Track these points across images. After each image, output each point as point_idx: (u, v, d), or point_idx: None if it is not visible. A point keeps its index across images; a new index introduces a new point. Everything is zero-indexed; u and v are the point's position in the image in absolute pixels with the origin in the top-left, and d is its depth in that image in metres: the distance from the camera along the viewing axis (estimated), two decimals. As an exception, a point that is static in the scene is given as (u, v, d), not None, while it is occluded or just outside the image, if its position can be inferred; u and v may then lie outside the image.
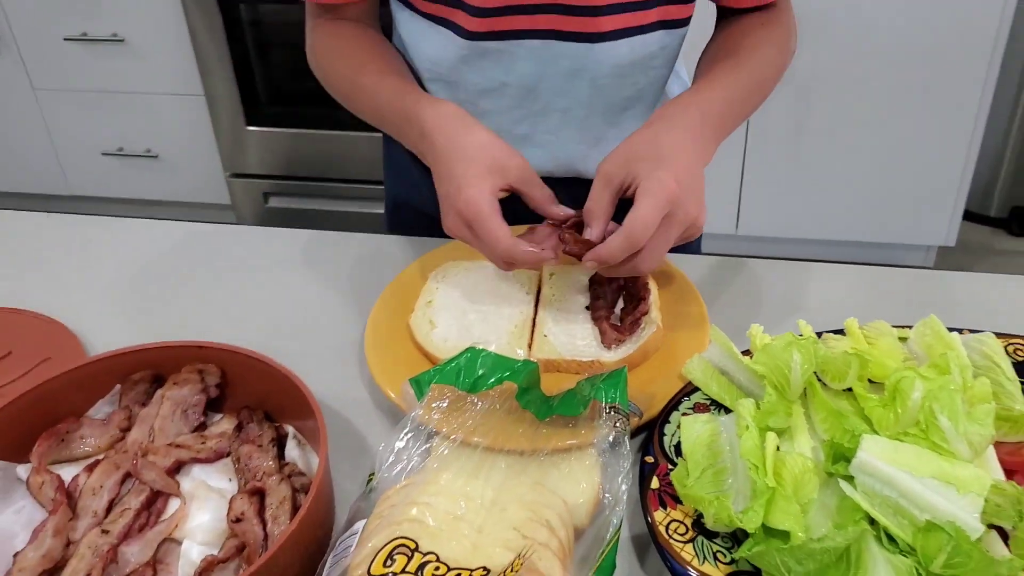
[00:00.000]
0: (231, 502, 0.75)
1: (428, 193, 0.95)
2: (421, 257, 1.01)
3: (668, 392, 0.81)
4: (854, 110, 2.29)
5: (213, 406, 0.86)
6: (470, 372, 0.80)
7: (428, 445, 0.77)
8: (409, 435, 0.77)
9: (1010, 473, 0.73)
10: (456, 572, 0.63)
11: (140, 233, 1.17)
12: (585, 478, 0.73)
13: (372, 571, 0.63)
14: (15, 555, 0.72)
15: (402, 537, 0.65)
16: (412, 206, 1.19)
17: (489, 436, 0.76)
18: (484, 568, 0.63)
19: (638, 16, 0.97)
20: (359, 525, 0.69)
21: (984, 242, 2.64)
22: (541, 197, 0.88)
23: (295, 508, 0.74)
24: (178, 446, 0.81)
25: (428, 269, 0.98)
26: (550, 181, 1.00)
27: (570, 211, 0.88)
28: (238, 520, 0.74)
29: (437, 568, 0.63)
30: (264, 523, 0.74)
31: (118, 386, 0.86)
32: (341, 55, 1.02)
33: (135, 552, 0.73)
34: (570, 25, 0.96)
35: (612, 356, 0.86)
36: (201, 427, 0.85)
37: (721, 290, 0.99)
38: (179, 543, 0.75)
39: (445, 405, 0.78)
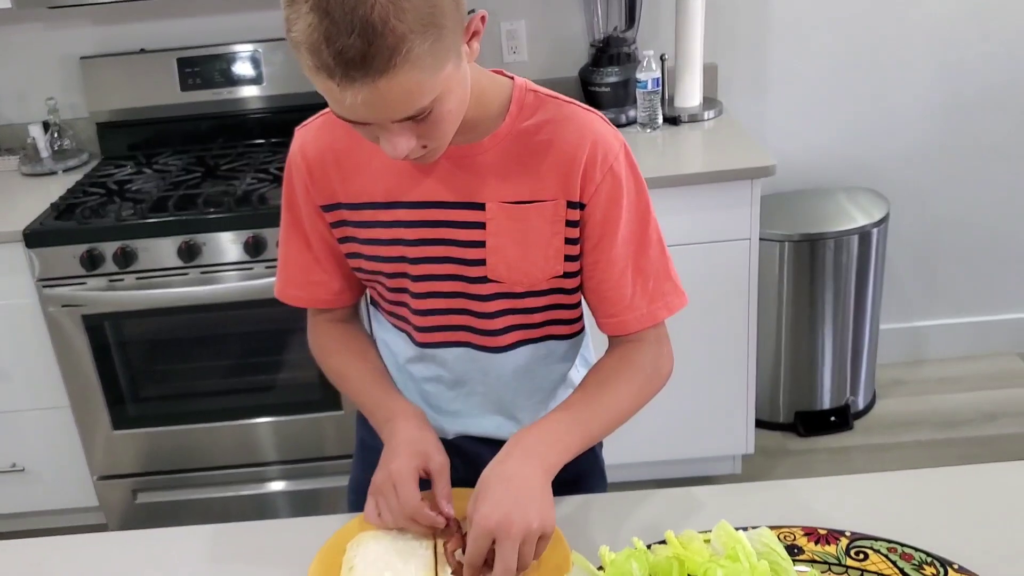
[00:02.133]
0: None
1: None
2: (338, 530, 1.26)
3: (548, 608, 1.09)
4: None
5: None
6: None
7: None
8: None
9: (794, 626, 1.03)
10: None
11: (56, 551, 1.34)
12: None
13: None
14: None
15: None
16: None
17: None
18: None
19: (529, 332, 1.33)
20: None
21: (778, 445, 3.07)
22: (441, 491, 1.23)
23: None
24: None
25: (345, 540, 1.23)
26: (475, 440, 1.42)
27: (451, 514, 1.22)
28: None
29: None
30: None
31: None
32: (334, 352, 1.41)
33: None
34: (479, 341, 1.32)
35: (503, 590, 1.13)
36: None
37: (570, 521, 1.28)
38: None
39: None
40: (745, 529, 1.12)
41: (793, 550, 1.13)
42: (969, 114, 3.12)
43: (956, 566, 1.07)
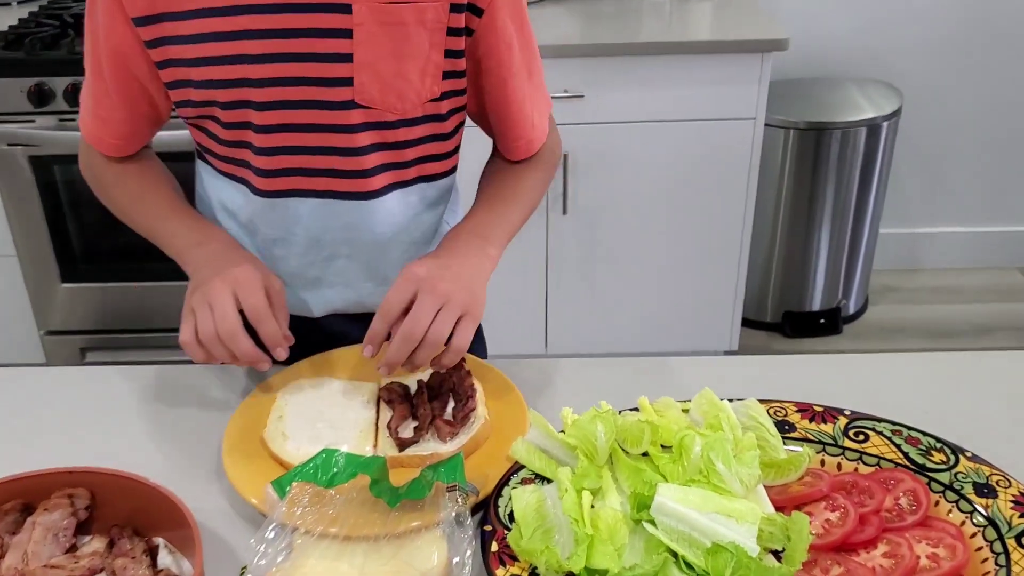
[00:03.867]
0: (111, 610, 0.82)
1: None
2: (265, 380, 1.11)
3: (499, 472, 0.94)
4: (637, 236, 2.56)
5: (81, 530, 0.92)
6: (326, 470, 0.90)
7: (292, 537, 0.86)
8: (276, 530, 0.86)
9: (779, 508, 0.89)
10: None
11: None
12: (435, 550, 0.85)
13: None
14: None
15: (283, 608, 0.74)
16: None
17: (347, 525, 0.87)
18: (357, 626, 0.73)
19: (401, 173, 1.14)
20: (238, 610, 0.77)
21: (763, 345, 2.94)
22: (282, 320, 1.03)
23: (174, 606, 0.81)
24: (52, 567, 0.87)
25: (274, 389, 1.08)
26: (343, 318, 1.22)
27: (284, 346, 1.01)
28: (120, 625, 0.80)
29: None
30: (144, 625, 0.81)
31: (-13, 518, 0.91)
32: (119, 178, 1.18)
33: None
34: (344, 186, 1.11)
35: (448, 448, 0.99)
36: (72, 549, 0.90)
37: (535, 387, 1.13)
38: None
39: (306, 500, 0.88)
40: (730, 401, 0.98)
41: (784, 426, 0.99)
42: (991, 6, 2.91)
43: (969, 454, 0.93)
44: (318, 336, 1.19)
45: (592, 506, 0.86)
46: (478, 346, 1.35)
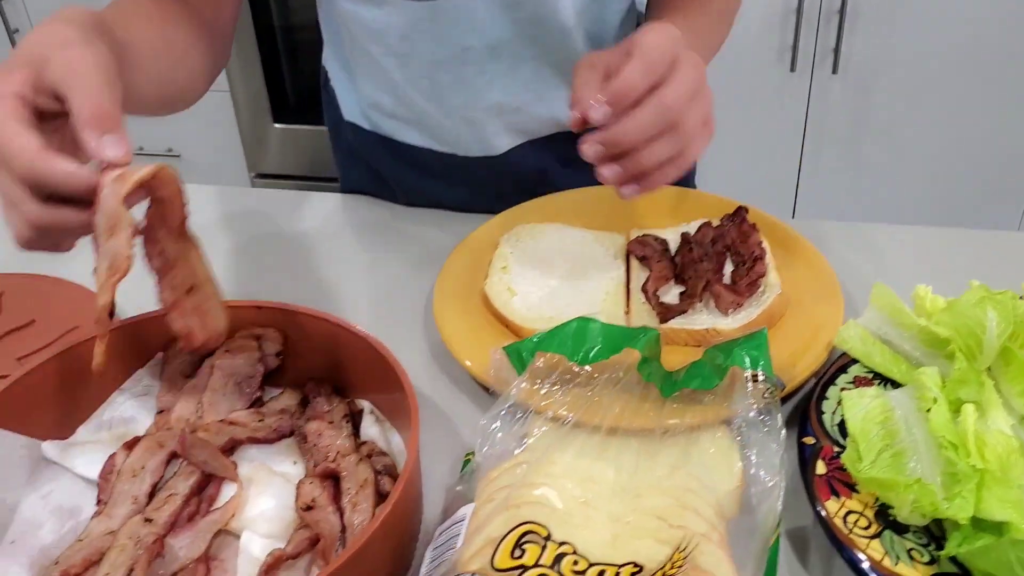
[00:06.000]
0: (299, 487, 0.62)
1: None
2: (487, 222, 0.89)
3: (809, 363, 0.69)
4: (920, 109, 2.16)
5: (271, 380, 0.73)
6: (580, 342, 0.67)
7: (529, 425, 0.64)
8: (509, 411, 0.64)
9: None
10: (600, 568, 0.50)
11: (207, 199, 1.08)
12: (727, 460, 0.60)
13: (496, 564, 0.50)
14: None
15: (530, 523, 0.52)
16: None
17: (611, 414, 0.63)
18: (635, 564, 0.50)
19: None
20: (465, 511, 0.56)
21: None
22: (78, 108, 0.55)
23: (379, 493, 0.61)
24: (232, 423, 0.69)
25: (496, 233, 0.86)
26: (536, 148, 0.95)
27: (112, 157, 0.55)
28: (309, 508, 0.61)
29: (576, 562, 0.50)
30: (341, 511, 0.61)
31: (160, 354, 0.74)
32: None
33: (185, 545, 0.61)
34: None
35: (731, 323, 0.73)
36: (257, 403, 0.72)
37: (836, 257, 0.85)
38: (236, 536, 0.62)
39: (554, 377, 0.65)
40: None
41: None
42: None
43: None
44: (510, 179, 0.97)
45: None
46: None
